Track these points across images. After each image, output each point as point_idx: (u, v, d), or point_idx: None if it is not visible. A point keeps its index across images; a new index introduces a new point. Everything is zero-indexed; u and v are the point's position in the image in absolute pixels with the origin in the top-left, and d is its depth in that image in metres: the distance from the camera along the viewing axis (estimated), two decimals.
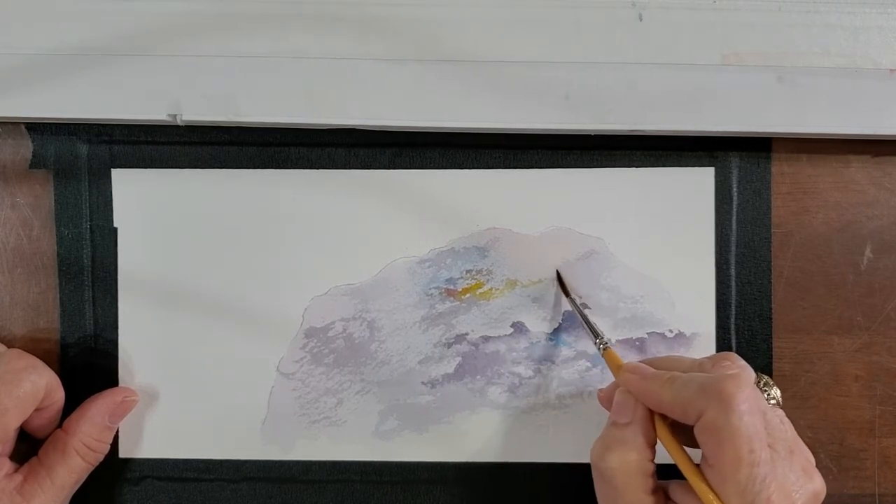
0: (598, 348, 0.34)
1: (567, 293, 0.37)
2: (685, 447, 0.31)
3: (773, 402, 0.33)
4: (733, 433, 0.28)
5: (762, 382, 0.33)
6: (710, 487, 0.28)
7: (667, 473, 0.31)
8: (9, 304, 0.38)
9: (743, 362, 0.32)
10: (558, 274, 0.37)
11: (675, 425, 0.31)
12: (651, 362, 0.33)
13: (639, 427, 0.31)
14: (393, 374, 0.38)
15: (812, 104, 0.35)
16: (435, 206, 0.38)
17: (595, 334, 0.35)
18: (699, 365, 0.32)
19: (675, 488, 0.31)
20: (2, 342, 0.36)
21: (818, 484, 0.30)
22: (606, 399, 0.34)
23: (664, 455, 0.31)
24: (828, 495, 0.29)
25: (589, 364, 0.38)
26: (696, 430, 0.29)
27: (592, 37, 0.35)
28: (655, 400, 0.31)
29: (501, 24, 0.35)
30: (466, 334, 0.38)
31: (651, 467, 0.31)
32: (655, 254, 0.37)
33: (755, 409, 0.28)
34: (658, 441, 0.31)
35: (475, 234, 0.38)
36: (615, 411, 0.32)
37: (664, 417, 0.31)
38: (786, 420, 0.31)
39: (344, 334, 0.38)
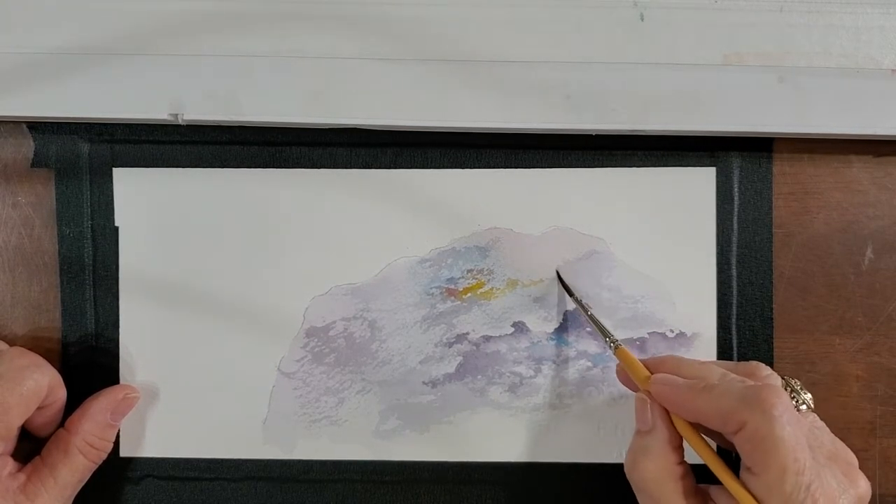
0: (610, 347, 0.34)
1: (570, 293, 0.37)
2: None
3: (803, 406, 0.33)
4: (777, 443, 0.27)
5: (791, 388, 0.33)
6: (752, 496, 0.28)
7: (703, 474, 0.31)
8: (10, 303, 0.38)
9: (770, 370, 0.32)
10: (558, 274, 0.37)
11: (696, 426, 0.31)
12: (676, 370, 0.32)
13: (660, 433, 0.31)
14: (394, 374, 0.38)
15: (813, 104, 0.35)
16: (436, 205, 0.38)
17: (605, 334, 0.35)
18: (730, 373, 0.32)
19: (717, 493, 0.30)
20: (3, 341, 0.36)
21: (863, 488, 0.30)
22: (622, 373, 0.34)
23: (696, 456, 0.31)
24: None
25: (590, 364, 0.38)
26: (737, 440, 0.29)
27: (594, 37, 0.35)
28: (690, 410, 0.30)
29: (502, 24, 0.35)
30: (467, 334, 0.38)
31: (680, 470, 0.31)
32: (656, 254, 0.37)
33: (795, 418, 0.28)
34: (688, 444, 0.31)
35: (476, 234, 0.38)
36: (636, 419, 0.32)
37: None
38: (819, 424, 0.31)
39: (345, 334, 0.38)
